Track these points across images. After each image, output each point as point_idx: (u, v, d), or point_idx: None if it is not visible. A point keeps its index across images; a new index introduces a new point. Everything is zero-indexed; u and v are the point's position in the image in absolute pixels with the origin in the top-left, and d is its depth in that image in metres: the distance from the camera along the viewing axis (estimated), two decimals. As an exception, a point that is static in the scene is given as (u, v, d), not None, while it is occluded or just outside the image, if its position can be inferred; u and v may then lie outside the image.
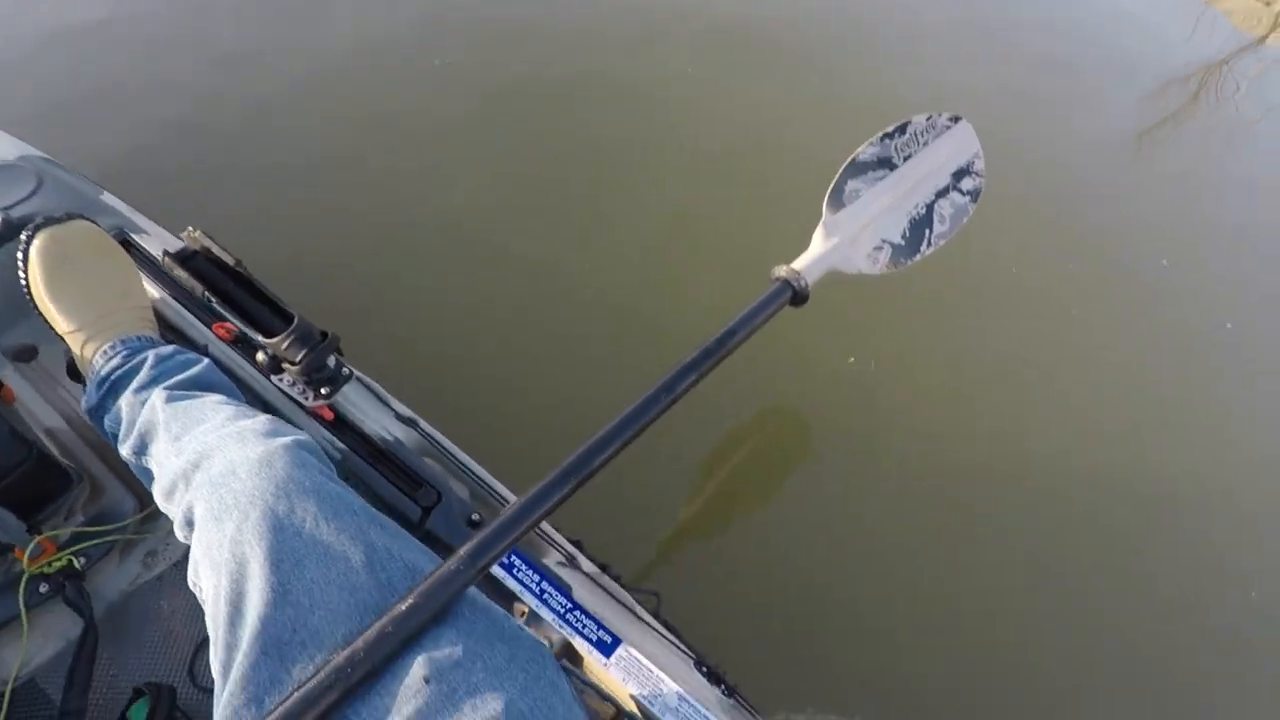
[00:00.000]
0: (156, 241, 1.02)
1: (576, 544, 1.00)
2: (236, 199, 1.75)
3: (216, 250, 0.82)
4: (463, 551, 0.63)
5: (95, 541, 0.86)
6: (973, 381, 1.72)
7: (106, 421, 0.83)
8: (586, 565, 0.96)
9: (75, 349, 0.85)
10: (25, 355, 1.02)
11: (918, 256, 1.31)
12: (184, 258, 0.82)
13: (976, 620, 1.40)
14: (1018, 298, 1.90)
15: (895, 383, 1.67)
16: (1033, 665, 1.36)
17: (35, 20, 2.18)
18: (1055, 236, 2.06)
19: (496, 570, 0.89)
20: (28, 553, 0.80)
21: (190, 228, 0.82)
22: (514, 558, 0.90)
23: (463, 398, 1.37)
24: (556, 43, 2.41)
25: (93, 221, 0.87)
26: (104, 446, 0.96)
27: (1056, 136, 2.39)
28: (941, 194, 1.37)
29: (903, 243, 1.29)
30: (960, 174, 1.41)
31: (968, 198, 1.41)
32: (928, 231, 1.34)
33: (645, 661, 0.85)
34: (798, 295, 1.05)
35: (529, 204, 1.86)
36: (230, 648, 0.57)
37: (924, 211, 1.34)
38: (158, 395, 0.79)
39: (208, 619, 0.61)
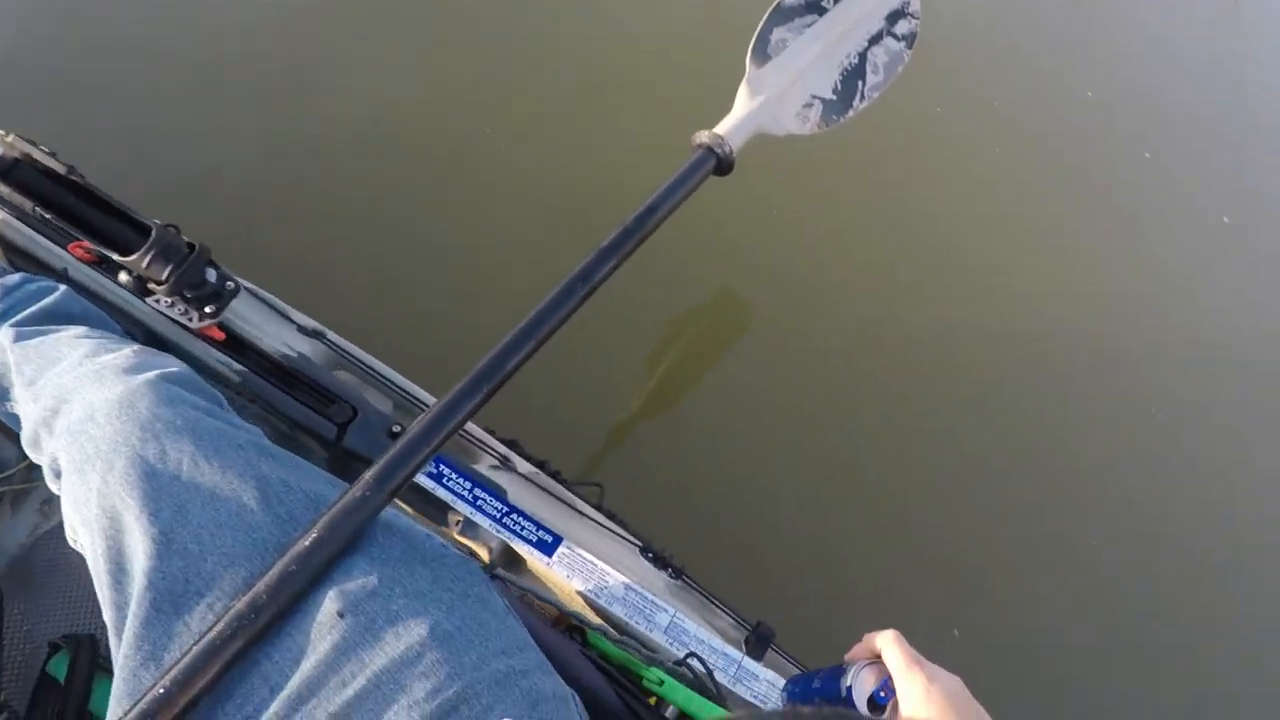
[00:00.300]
0: None
1: (511, 444, 0.96)
2: (83, 97, 1.51)
3: (39, 156, 0.69)
4: (368, 475, 0.58)
5: None
6: (910, 256, 1.68)
7: None
8: (523, 466, 0.93)
9: None
10: None
11: (851, 112, 1.23)
12: (3, 170, 0.69)
13: (917, 516, 1.43)
14: (954, 160, 1.84)
15: (833, 261, 1.63)
16: (972, 565, 1.40)
17: None
18: (993, 91, 1.99)
19: (425, 481, 0.85)
20: None
21: (1, 131, 0.69)
22: (442, 466, 0.86)
23: (371, 303, 1.27)
24: None
25: None
26: None
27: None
28: (875, 40, 1.27)
29: (834, 97, 1.20)
30: (895, 16, 1.30)
31: (903, 43, 1.31)
32: (860, 84, 1.25)
33: (588, 556, 0.84)
34: (722, 163, 0.96)
35: (432, 87, 1.67)
36: (119, 607, 0.52)
37: (856, 61, 1.24)
38: (5, 334, 0.69)
39: (94, 579, 0.56)
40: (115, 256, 0.72)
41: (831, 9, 1.21)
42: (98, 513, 0.53)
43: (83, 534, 0.56)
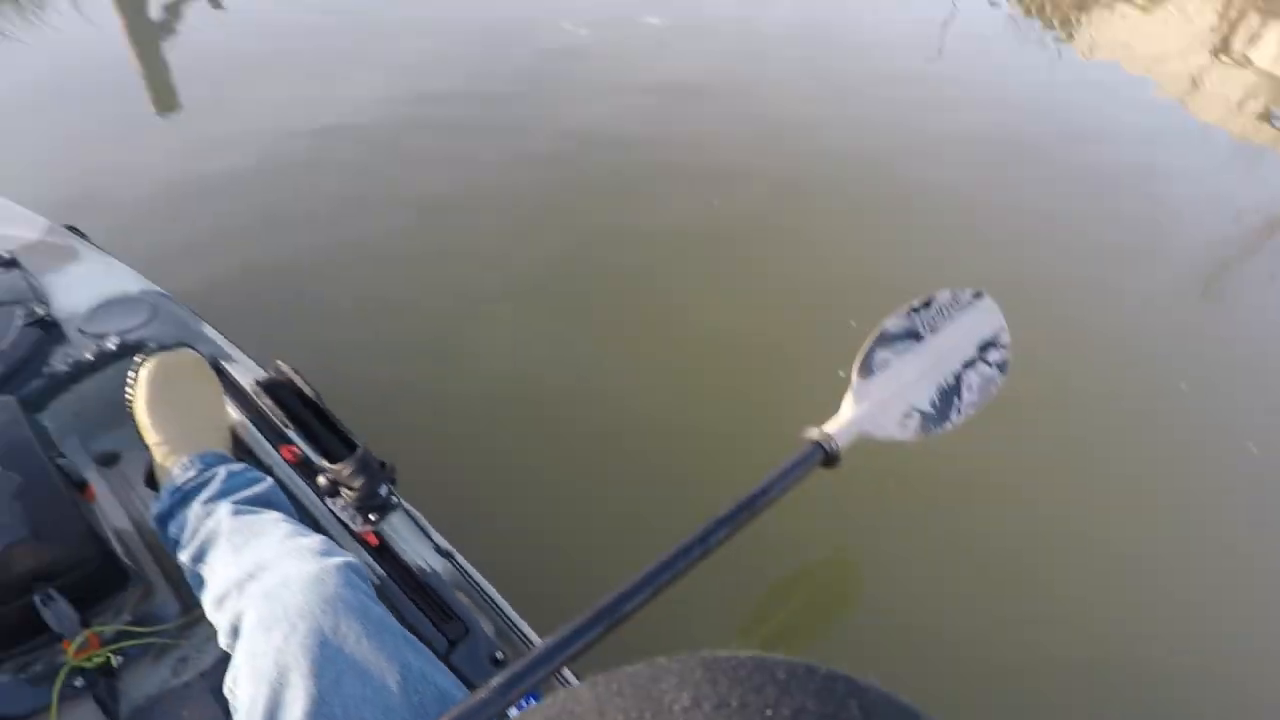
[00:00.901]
0: (242, 369, 1.13)
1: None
2: (315, 331, 1.93)
3: (299, 382, 0.91)
4: (495, 683, 0.65)
5: (137, 641, 0.90)
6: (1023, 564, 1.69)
7: (171, 527, 0.89)
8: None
9: (158, 459, 0.93)
10: (108, 460, 1.10)
11: (949, 424, 1.35)
12: (271, 386, 0.91)
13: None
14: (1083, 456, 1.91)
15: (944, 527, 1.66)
16: None
17: (171, 168, 2.52)
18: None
19: (513, 713, 0.89)
20: (74, 645, 0.84)
21: (279, 361, 0.92)
22: (530, 700, 0.90)
23: (500, 534, 1.42)
24: (590, 190, 2.65)
25: (195, 350, 0.98)
26: (160, 551, 1.02)
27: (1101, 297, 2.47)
28: (969, 365, 1.44)
29: (933, 410, 1.34)
30: (986, 346, 1.48)
31: (995, 369, 1.47)
32: (957, 400, 1.39)
33: None
34: (829, 457, 1.09)
35: (571, 358, 1.98)
36: None
37: (953, 381, 1.40)
38: (224, 508, 0.85)
39: None
40: (324, 463, 0.90)
41: (928, 337, 1.40)
42: (270, 666, 0.63)
43: (245, 684, 0.65)
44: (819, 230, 2.63)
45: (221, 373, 1.11)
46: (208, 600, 0.79)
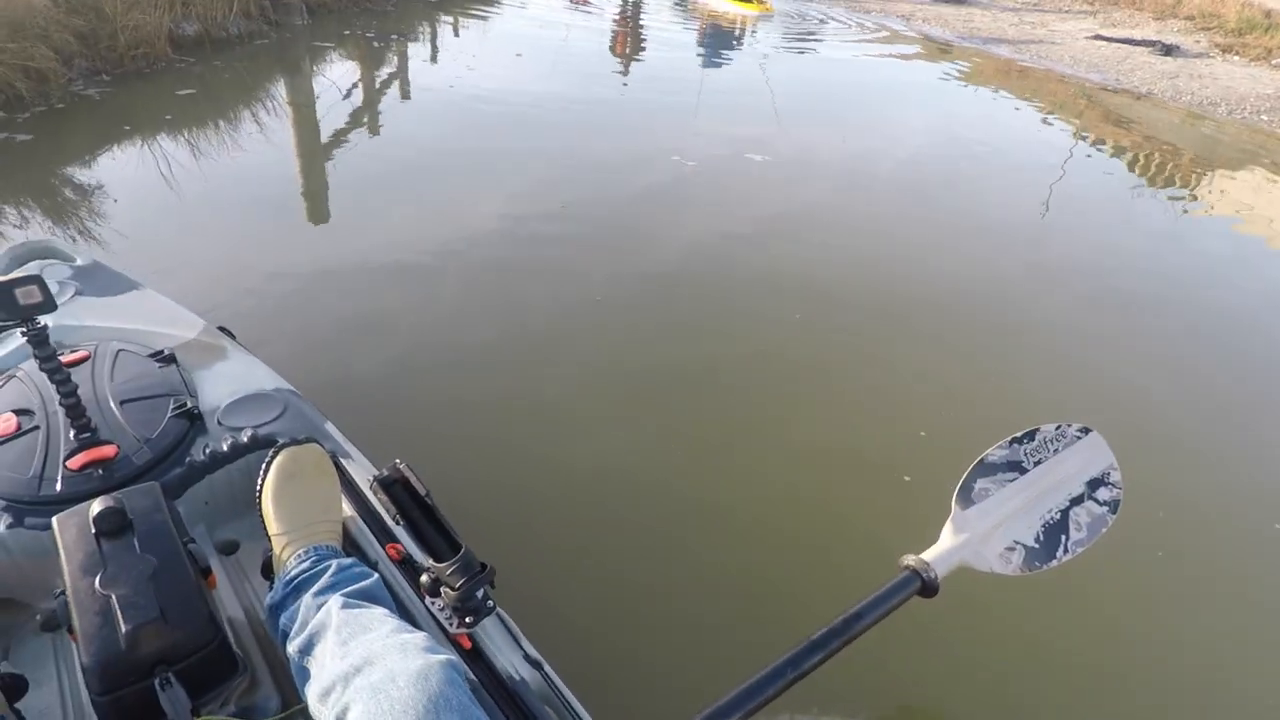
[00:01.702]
0: (358, 467, 1.20)
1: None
2: (425, 432, 2.04)
3: (414, 481, 0.97)
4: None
5: None
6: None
7: (283, 618, 0.93)
8: None
9: (277, 549, 0.99)
10: (229, 549, 1.18)
11: (1054, 562, 1.28)
12: (386, 484, 0.97)
13: None
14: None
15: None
16: None
17: (300, 266, 2.80)
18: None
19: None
20: None
21: (398, 460, 0.99)
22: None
23: (590, 650, 1.40)
24: (689, 310, 2.76)
25: (322, 445, 1.07)
26: (267, 643, 1.06)
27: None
28: (1076, 501, 1.37)
29: (1037, 546, 1.27)
30: (1095, 484, 1.41)
31: (1105, 508, 1.39)
32: (1064, 538, 1.32)
33: None
34: (927, 586, 1.05)
35: (667, 476, 2.01)
36: None
37: (1058, 517, 1.33)
38: (335, 601, 0.89)
39: None
40: (429, 561, 0.93)
41: (1032, 470, 1.35)
42: None
43: None
44: (919, 359, 2.64)
45: (339, 468, 1.19)
46: (313, 693, 0.81)
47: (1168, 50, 8.56)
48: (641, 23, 8.91)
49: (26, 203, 3.20)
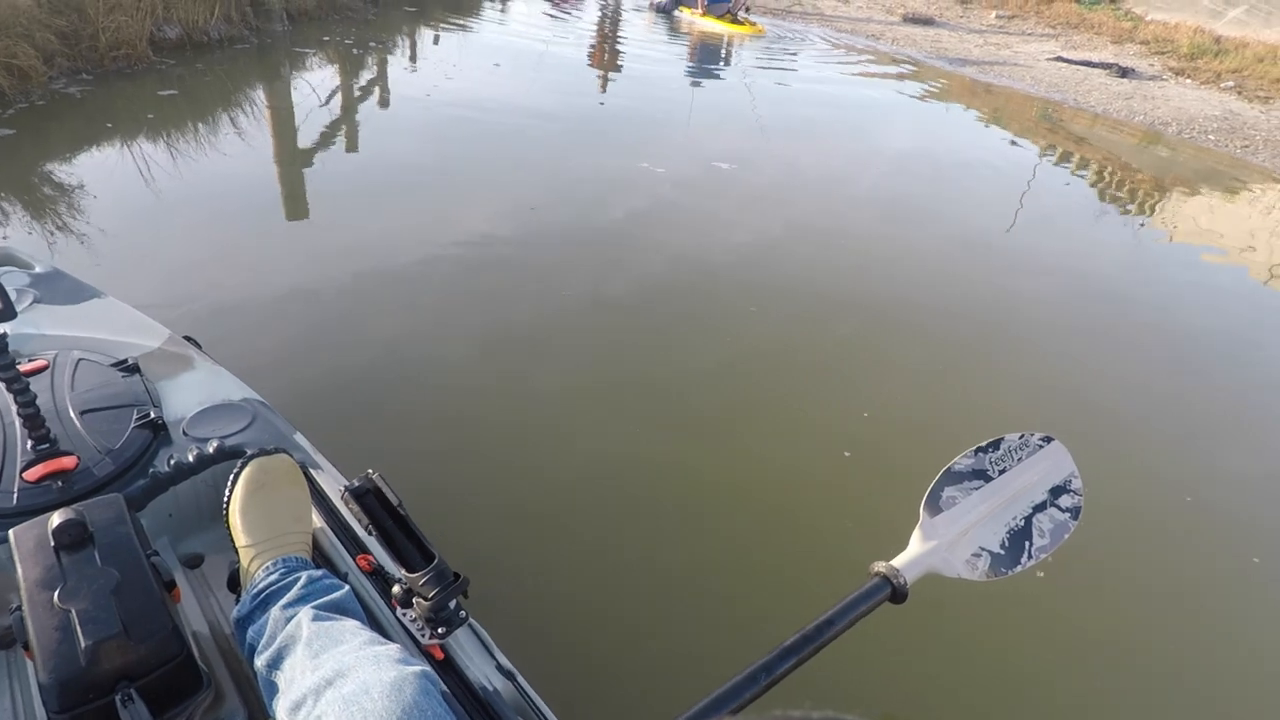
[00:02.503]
0: (328, 477, 1.19)
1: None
2: (394, 441, 2.02)
3: (386, 491, 0.96)
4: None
5: None
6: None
7: (250, 631, 0.91)
8: None
9: (244, 562, 0.97)
10: (193, 562, 1.15)
11: (1019, 567, 1.31)
12: (359, 494, 0.96)
13: None
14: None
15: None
16: None
17: (273, 284, 2.76)
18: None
19: None
20: None
21: (370, 470, 0.98)
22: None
23: (559, 658, 1.40)
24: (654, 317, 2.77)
25: (291, 456, 1.05)
26: (232, 657, 1.03)
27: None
28: (1040, 508, 1.40)
29: (1002, 552, 1.30)
30: (1058, 491, 1.45)
31: (1068, 514, 1.43)
32: (1028, 544, 1.35)
33: None
34: (897, 592, 1.06)
35: (640, 487, 2.01)
36: None
37: (1022, 524, 1.36)
38: (305, 613, 0.87)
39: None
40: (401, 571, 0.92)
41: (996, 478, 1.38)
42: None
43: None
44: (885, 372, 2.68)
45: (309, 479, 1.18)
46: (282, 707, 0.80)
47: (1124, 72, 8.85)
48: (620, 35, 8.97)
49: (8, 197, 3.19)
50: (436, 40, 7.37)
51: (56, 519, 0.84)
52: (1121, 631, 1.74)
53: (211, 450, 1.09)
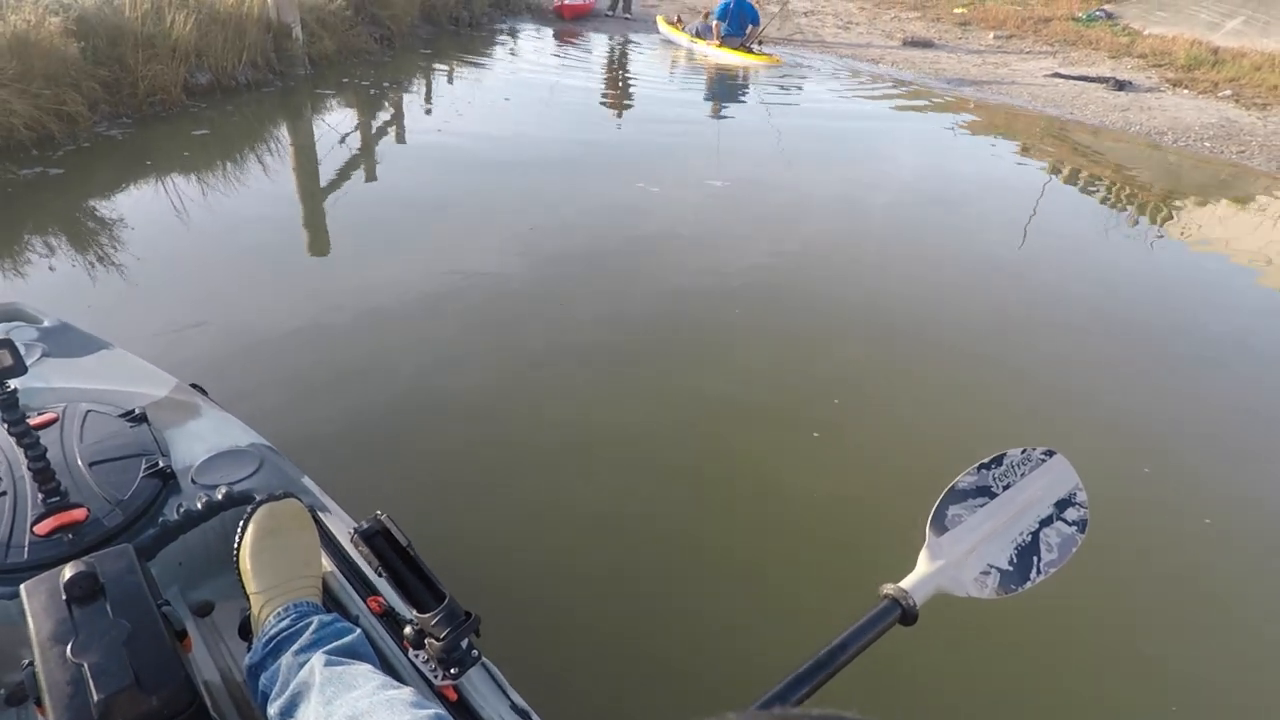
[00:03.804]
0: (336, 520, 1.19)
1: None
2: (404, 482, 2.01)
3: (395, 532, 0.96)
4: None
5: None
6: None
7: (263, 679, 0.91)
8: None
9: (255, 608, 0.97)
10: (204, 610, 1.15)
11: (1029, 583, 1.30)
12: (368, 536, 0.97)
13: None
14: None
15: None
16: None
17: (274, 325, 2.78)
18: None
19: None
20: None
21: (379, 511, 0.98)
22: None
23: (578, 697, 1.39)
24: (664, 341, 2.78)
25: (300, 500, 1.06)
26: (244, 705, 1.03)
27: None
28: (1046, 523, 1.40)
29: (1011, 568, 1.29)
30: (1063, 504, 1.44)
31: (1074, 527, 1.42)
32: (1036, 559, 1.34)
33: None
34: (906, 614, 1.06)
35: (654, 523, 2.00)
36: None
37: (1029, 539, 1.35)
38: (317, 659, 0.87)
39: None
40: (412, 612, 0.93)
41: (1001, 494, 1.38)
42: None
43: None
44: (892, 389, 2.68)
45: (318, 522, 1.18)
46: None
47: (1120, 85, 8.88)
48: (629, 72, 9.04)
49: (55, 231, 3.47)
50: (451, 80, 7.52)
51: (68, 571, 0.84)
52: (1137, 646, 1.73)
53: (220, 497, 1.09)
